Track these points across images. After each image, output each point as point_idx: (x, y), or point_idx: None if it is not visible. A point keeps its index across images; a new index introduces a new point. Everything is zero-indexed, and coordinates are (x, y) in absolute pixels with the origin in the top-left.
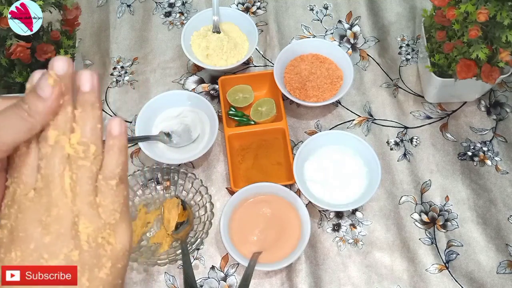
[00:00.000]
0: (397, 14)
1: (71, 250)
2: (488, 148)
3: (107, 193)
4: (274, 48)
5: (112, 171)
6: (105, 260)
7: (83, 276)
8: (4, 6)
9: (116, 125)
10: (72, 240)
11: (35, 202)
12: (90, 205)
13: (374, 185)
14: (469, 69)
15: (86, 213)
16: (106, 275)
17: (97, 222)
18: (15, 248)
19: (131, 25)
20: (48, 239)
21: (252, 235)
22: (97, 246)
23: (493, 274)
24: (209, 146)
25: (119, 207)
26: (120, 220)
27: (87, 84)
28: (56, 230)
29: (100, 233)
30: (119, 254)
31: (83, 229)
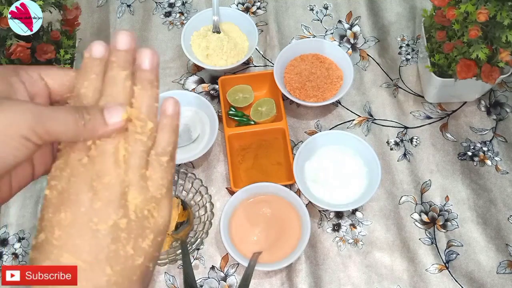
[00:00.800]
0: (397, 14)
1: (120, 218)
2: (488, 148)
3: (158, 169)
4: (274, 48)
5: (164, 148)
6: (148, 231)
7: (129, 244)
8: (4, 6)
9: (170, 104)
10: (121, 208)
11: (88, 168)
12: (141, 178)
13: (374, 185)
14: (469, 69)
15: (136, 185)
16: (148, 246)
17: (145, 194)
18: (65, 209)
19: (131, 25)
20: (99, 204)
21: (252, 235)
22: (143, 217)
23: (493, 274)
24: (209, 146)
25: (166, 183)
26: (164, 196)
27: (148, 62)
28: (106, 197)
29: (147, 205)
30: (160, 227)
31: (132, 199)
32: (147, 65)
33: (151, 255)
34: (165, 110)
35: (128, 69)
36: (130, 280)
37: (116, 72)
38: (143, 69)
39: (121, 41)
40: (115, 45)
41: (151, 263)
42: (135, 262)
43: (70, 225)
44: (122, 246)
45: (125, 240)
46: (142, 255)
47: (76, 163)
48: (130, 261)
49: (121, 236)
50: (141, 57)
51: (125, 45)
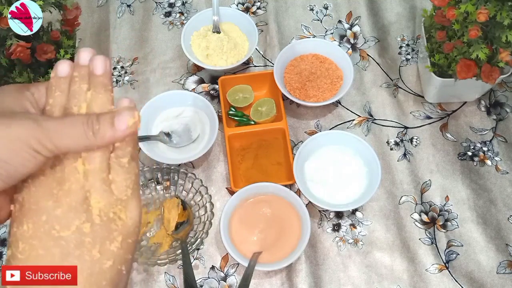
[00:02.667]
0: (397, 14)
1: (82, 222)
2: (488, 148)
3: (120, 171)
4: (274, 48)
5: (123, 149)
6: (116, 234)
7: (94, 248)
8: (4, 6)
9: (99, 62)
10: (84, 213)
11: (48, 176)
12: (103, 181)
13: (374, 185)
14: (469, 69)
15: (98, 189)
16: (117, 249)
17: (109, 198)
18: (27, 221)
19: (131, 25)
20: (60, 211)
21: (252, 235)
22: (108, 220)
23: (493, 274)
24: (209, 146)
25: (131, 184)
26: (131, 197)
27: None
28: (67, 203)
29: (112, 208)
30: (129, 229)
31: (95, 203)
32: (99, 70)
33: (122, 258)
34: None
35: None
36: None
37: (78, 85)
38: (95, 74)
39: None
40: (77, 62)
41: (123, 266)
42: (103, 266)
43: (32, 236)
44: (87, 250)
45: (90, 245)
46: (111, 258)
47: (38, 173)
48: (97, 265)
49: (86, 240)
50: (94, 63)
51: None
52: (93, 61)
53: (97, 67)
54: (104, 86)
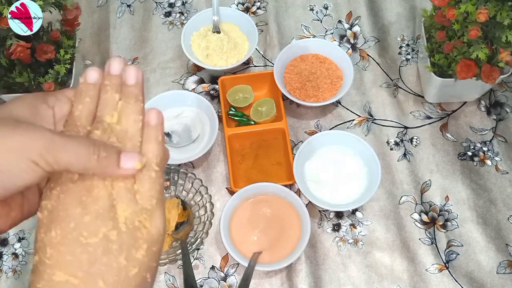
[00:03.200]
0: (397, 14)
1: (109, 230)
2: (488, 148)
3: (145, 181)
4: (274, 48)
5: (150, 159)
6: (141, 242)
7: (121, 255)
8: (4, 6)
9: (153, 116)
10: (110, 220)
11: (77, 184)
12: (128, 191)
13: (374, 185)
14: (469, 69)
15: (124, 198)
16: (142, 256)
17: (134, 207)
18: (55, 227)
19: (131, 25)
20: (88, 218)
21: (252, 235)
22: (134, 228)
23: (493, 274)
24: (209, 146)
25: (155, 194)
26: (156, 206)
27: (133, 77)
28: (95, 210)
29: (137, 217)
30: (154, 237)
31: (121, 212)
32: (131, 80)
33: (147, 265)
34: (149, 121)
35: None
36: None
37: (110, 94)
38: (128, 84)
39: (114, 67)
40: (108, 71)
41: (148, 273)
42: (129, 273)
43: (60, 242)
44: (114, 257)
45: (117, 252)
46: (136, 266)
47: (68, 181)
48: (123, 272)
49: (112, 247)
50: (126, 73)
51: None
52: (125, 71)
53: (129, 77)
54: (135, 97)
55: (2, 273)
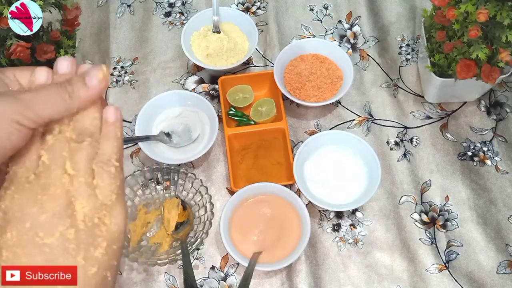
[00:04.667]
0: (397, 14)
1: (66, 228)
2: (488, 148)
3: (105, 176)
4: (274, 48)
5: (109, 155)
6: (100, 240)
7: (79, 254)
8: (4, 6)
9: (111, 112)
10: (68, 218)
11: (33, 183)
12: (88, 186)
13: (374, 185)
14: (469, 69)
15: (83, 193)
16: (102, 255)
17: (94, 202)
18: (10, 229)
19: (131, 25)
20: (44, 217)
21: (252, 235)
22: (93, 226)
23: (493, 274)
24: (209, 146)
25: (115, 189)
26: (116, 202)
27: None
28: (51, 208)
29: (97, 213)
30: (114, 235)
31: (80, 208)
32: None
33: (107, 264)
34: (106, 118)
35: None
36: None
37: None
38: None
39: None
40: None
41: (108, 272)
42: (88, 273)
43: (15, 244)
44: (71, 257)
45: (74, 251)
46: (95, 265)
47: (23, 180)
48: (82, 272)
49: (70, 247)
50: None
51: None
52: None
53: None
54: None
55: None
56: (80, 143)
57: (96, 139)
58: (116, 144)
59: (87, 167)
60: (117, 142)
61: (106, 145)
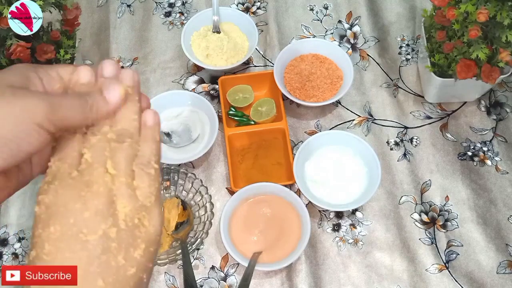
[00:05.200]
0: (397, 14)
1: (109, 227)
2: (488, 148)
3: (145, 178)
4: (274, 48)
5: (148, 157)
6: (140, 241)
7: (120, 254)
8: (4, 6)
9: (150, 116)
10: (110, 217)
11: (76, 180)
12: (128, 186)
13: (374, 185)
14: (469, 69)
15: (124, 194)
16: (140, 256)
17: (135, 203)
18: (54, 223)
19: (131, 25)
20: (87, 214)
21: (252, 235)
22: (133, 226)
23: (493, 274)
24: (209, 146)
25: (154, 191)
26: (154, 204)
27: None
28: (95, 206)
29: (137, 214)
30: (152, 237)
31: (121, 208)
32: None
33: (144, 266)
34: (145, 121)
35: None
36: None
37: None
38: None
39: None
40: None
41: (144, 274)
42: (127, 273)
43: (59, 239)
44: (113, 256)
45: (116, 250)
46: (134, 265)
47: (65, 176)
48: (122, 271)
49: (112, 246)
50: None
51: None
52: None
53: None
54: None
55: None
56: (120, 144)
57: (135, 140)
58: (155, 147)
59: (128, 167)
60: (156, 145)
61: (145, 147)
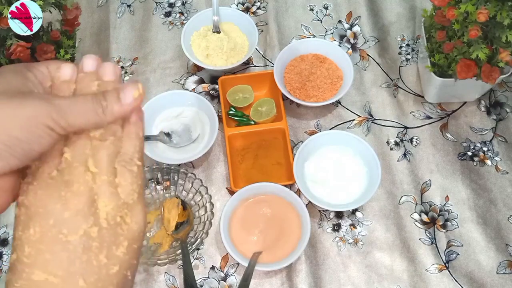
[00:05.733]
0: (397, 14)
1: (90, 226)
2: (488, 148)
3: (127, 175)
4: (274, 48)
5: (131, 154)
6: (122, 239)
7: (101, 253)
8: (4, 6)
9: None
10: (91, 216)
11: (56, 179)
12: (110, 184)
13: (374, 185)
14: (469, 69)
15: (106, 192)
16: (123, 254)
17: (116, 201)
18: (33, 224)
19: (131, 25)
20: (68, 214)
21: (252, 235)
22: (115, 224)
23: (493, 274)
24: (209, 146)
25: (137, 188)
26: (137, 201)
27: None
28: (75, 205)
29: (119, 212)
30: (135, 234)
31: (102, 207)
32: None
33: (128, 263)
34: (129, 118)
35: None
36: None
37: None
38: (106, 80)
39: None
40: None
41: (128, 271)
42: (110, 271)
43: (39, 240)
44: (94, 255)
45: (97, 249)
46: (117, 264)
47: (45, 176)
48: (104, 270)
49: (93, 245)
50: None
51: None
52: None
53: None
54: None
55: (2, 273)
56: (103, 141)
57: (118, 138)
58: (138, 144)
59: (110, 165)
60: (139, 142)
61: (128, 144)
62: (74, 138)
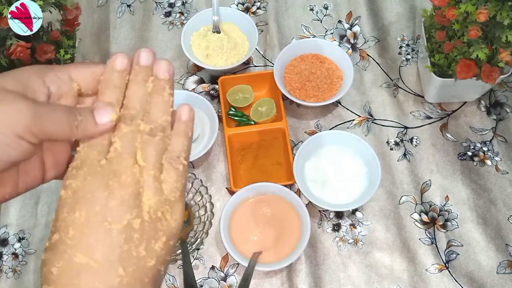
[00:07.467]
0: (397, 14)
1: (134, 218)
2: (488, 148)
3: (173, 172)
4: (274, 48)
5: (178, 152)
6: (161, 234)
7: (141, 245)
8: (4, 6)
9: (185, 111)
10: (135, 208)
11: (105, 168)
12: (155, 179)
13: (374, 185)
14: (469, 69)
15: (151, 186)
16: (160, 249)
17: (160, 196)
18: (80, 208)
19: (131, 25)
20: (114, 203)
21: (252, 235)
22: (156, 219)
23: (493, 274)
24: (209, 146)
25: (180, 186)
26: (178, 199)
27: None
28: (121, 196)
29: (161, 207)
30: (172, 231)
31: (146, 200)
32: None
33: (163, 258)
34: (180, 116)
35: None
36: (142, 282)
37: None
38: (159, 78)
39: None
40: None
41: (162, 266)
42: (147, 264)
43: (84, 224)
44: (134, 246)
45: (138, 241)
46: (154, 257)
47: (95, 163)
48: (142, 262)
49: (134, 236)
50: (158, 67)
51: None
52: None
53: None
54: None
55: (2, 273)
56: (152, 137)
57: (167, 135)
58: (186, 143)
59: (157, 161)
60: (187, 141)
61: (176, 142)
62: (124, 130)
